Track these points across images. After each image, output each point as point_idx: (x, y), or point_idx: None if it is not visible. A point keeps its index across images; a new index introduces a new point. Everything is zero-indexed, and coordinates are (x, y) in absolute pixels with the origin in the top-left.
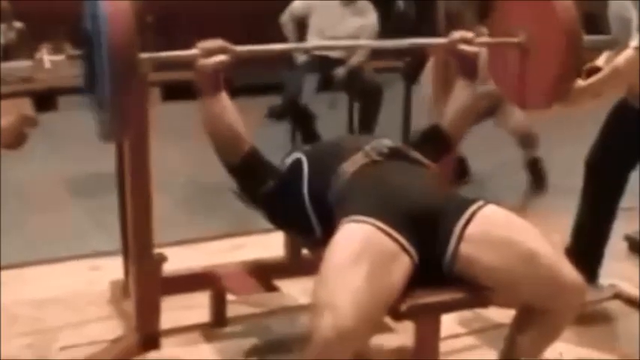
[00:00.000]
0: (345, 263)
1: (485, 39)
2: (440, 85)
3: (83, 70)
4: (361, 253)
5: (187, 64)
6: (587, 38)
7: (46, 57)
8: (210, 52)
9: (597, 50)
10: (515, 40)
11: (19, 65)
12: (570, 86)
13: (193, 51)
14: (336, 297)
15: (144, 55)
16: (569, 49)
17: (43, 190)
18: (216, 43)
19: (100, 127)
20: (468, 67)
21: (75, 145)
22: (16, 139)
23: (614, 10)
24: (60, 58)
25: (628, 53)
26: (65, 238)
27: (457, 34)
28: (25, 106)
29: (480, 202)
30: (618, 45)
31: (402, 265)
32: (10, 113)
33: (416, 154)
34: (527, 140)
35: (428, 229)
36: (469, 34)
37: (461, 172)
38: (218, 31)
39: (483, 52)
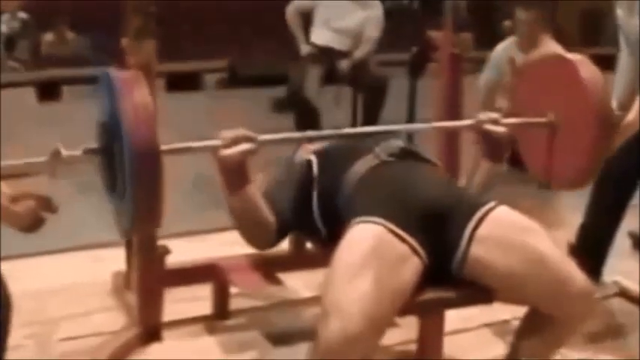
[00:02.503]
0: (354, 266)
1: (513, 119)
2: None
3: (100, 166)
4: (370, 255)
5: (191, 53)
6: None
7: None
8: (234, 142)
9: None
10: (544, 120)
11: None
12: (602, 158)
13: (215, 141)
14: (344, 301)
15: (164, 148)
16: (602, 129)
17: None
18: (239, 132)
19: (121, 221)
20: (494, 147)
21: (78, 134)
22: (34, 224)
23: (628, 33)
24: (77, 153)
25: None
26: (67, 228)
27: (483, 115)
28: (41, 187)
29: (492, 204)
30: None
31: (412, 267)
32: (27, 195)
33: (426, 155)
34: None
35: (438, 230)
36: (495, 115)
37: None
38: (219, 22)
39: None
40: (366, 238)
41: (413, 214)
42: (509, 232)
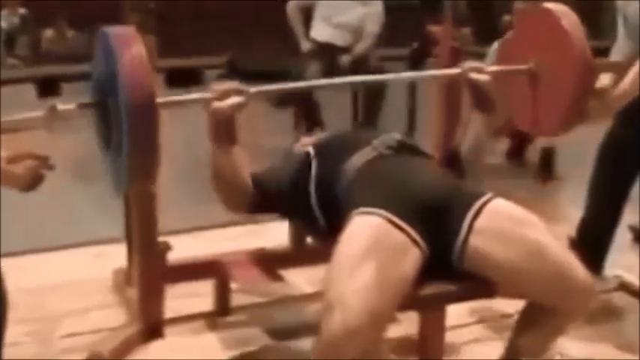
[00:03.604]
0: (355, 258)
1: (496, 67)
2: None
3: (96, 122)
4: (371, 247)
5: (191, 49)
6: (598, 61)
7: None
8: (225, 95)
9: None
10: (525, 67)
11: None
12: (584, 110)
13: (207, 94)
14: (345, 294)
15: (159, 100)
16: (582, 74)
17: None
18: (231, 84)
19: (116, 178)
20: (480, 96)
21: (78, 130)
22: (33, 182)
23: (628, 15)
24: (71, 107)
25: None
26: (68, 224)
27: (467, 64)
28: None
29: (489, 195)
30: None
31: (412, 258)
32: (25, 156)
33: (424, 148)
34: None
35: (437, 221)
36: (479, 64)
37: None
38: (219, 17)
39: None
40: (367, 230)
41: (412, 206)
42: (508, 223)
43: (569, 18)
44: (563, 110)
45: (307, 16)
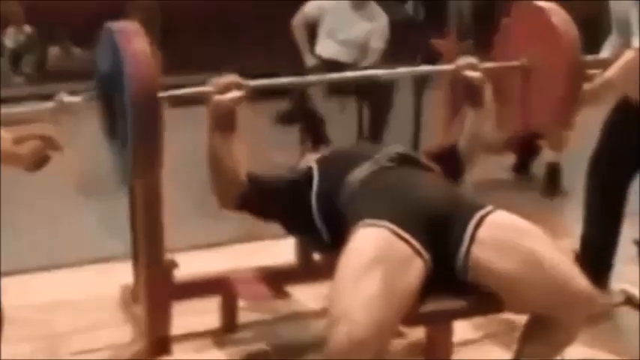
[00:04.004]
0: (360, 271)
1: (489, 64)
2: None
3: (100, 114)
4: (375, 259)
5: (195, 66)
6: (588, 58)
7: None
8: (225, 88)
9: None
10: (517, 63)
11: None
12: (575, 106)
13: (208, 87)
14: (351, 306)
15: (162, 94)
16: (572, 70)
17: (52, 192)
18: (231, 78)
19: (121, 170)
20: (474, 93)
21: (85, 147)
22: (39, 162)
23: (617, 12)
24: (77, 99)
25: (629, 55)
26: (75, 241)
27: (462, 60)
28: (47, 128)
29: (490, 207)
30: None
31: (417, 269)
32: (30, 137)
33: (425, 160)
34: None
35: (439, 233)
36: (473, 60)
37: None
38: (222, 34)
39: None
40: (371, 242)
41: (414, 217)
42: (510, 234)
43: (560, 16)
44: (556, 104)
45: (312, 31)
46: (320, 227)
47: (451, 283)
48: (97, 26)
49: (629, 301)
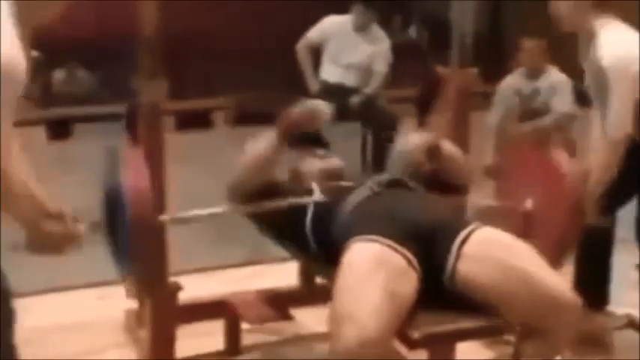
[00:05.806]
0: (361, 276)
1: (494, 204)
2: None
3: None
4: (374, 267)
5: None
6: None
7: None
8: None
9: None
10: (520, 209)
11: None
12: (571, 248)
13: (215, 209)
14: (356, 308)
15: (164, 217)
16: (573, 219)
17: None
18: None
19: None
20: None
21: (88, 172)
22: (59, 247)
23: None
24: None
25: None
26: (78, 265)
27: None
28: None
29: (476, 224)
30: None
31: (411, 280)
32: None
33: (414, 184)
34: None
35: (427, 248)
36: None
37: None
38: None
39: None
40: (368, 254)
41: (404, 232)
42: (495, 249)
43: (568, 164)
44: (551, 247)
45: (316, 56)
46: (310, 241)
47: (441, 294)
48: (101, 50)
49: (632, 324)
